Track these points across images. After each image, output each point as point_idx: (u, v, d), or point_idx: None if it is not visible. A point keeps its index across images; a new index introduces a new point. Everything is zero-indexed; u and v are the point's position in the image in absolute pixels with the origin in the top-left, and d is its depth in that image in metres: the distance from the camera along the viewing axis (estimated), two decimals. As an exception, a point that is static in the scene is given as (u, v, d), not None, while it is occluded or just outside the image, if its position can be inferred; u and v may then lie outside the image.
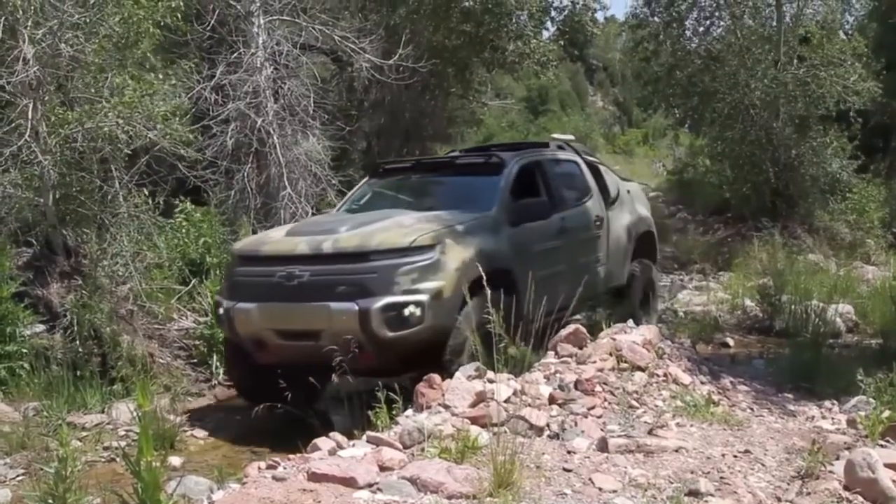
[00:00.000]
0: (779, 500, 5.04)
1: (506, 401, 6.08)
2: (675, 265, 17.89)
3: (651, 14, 21.30)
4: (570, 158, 10.53)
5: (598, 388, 6.51)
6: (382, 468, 5.08)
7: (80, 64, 10.06)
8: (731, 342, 10.91)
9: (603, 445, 5.58)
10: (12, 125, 9.51)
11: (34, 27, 9.49)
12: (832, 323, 10.82)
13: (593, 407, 6.25)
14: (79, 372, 8.52)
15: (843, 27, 22.94)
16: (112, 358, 8.89)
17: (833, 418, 6.97)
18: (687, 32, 20.88)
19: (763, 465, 5.57)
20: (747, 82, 18.44)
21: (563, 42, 22.33)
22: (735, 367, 9.07)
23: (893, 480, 5.10)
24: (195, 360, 9.79)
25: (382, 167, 10.71)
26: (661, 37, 20.82)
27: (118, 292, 9.71)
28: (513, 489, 4.70)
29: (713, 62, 19.65)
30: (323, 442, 5.76)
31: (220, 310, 8.21)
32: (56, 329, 9.16)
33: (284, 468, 5.25)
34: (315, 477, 4.88)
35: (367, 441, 5.65)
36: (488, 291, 5.49)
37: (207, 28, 12.60)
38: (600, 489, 4.92)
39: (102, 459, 7.15)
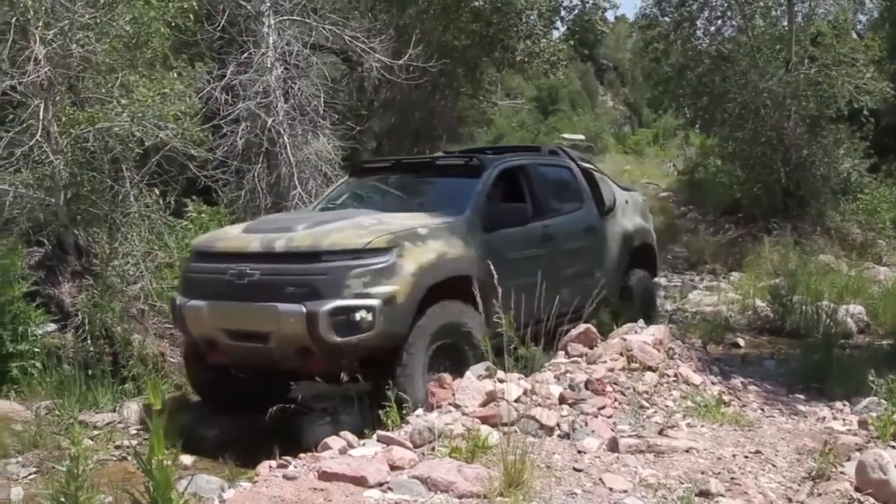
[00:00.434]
0: (789, 500, 5.04)
1: (516, 400, 6.08)
2: (686, 265, 17.86)
3: (661, 14, 21.26)
4: (563, 164, 10.17)
5: (609, 388, 6.51)
6: (393, 467, 5.10)
7: (91, 64, 10.09)
8: (741, 342, 10.88)
9: (613, 445, 5.58)
10: (24, 125, 9.53)
11: (45, 28, 9.52)
12: (843, 324, 10.80)
13: (604, 407, 6.25)
14: (90, 371, 8.54)
15: (855, 27, 22.87)
16: (123, 357, 8.91)
17: (844, 419, 6.95)
18: (697, 32, 20.82)
19: (774, 465, 5.56)
20: (758, 82, 18.39)
21: (573, 42, 22.30)
22: (746, 368, 9.05)
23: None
24: (206, 358, 9.80)
25: (362, 166, 10.51)
26: (672, 37, 20.76)
27: (129, 292, 9.73)
28: (523, 489, 4.70)
29: (724, 62, 19.59)
30: (333, 441, 5.78)
31: (174, 306, 7.95)
32: (68, 328, 9.19)
33: (295, 467, 5.27)
34: (326, 476, 4.89)
35: (378, 440, 5.66)
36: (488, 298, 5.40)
37: (218, 28, 12.62)
38: (611, 489, 4.92)
39: (114, 458, 7.16)
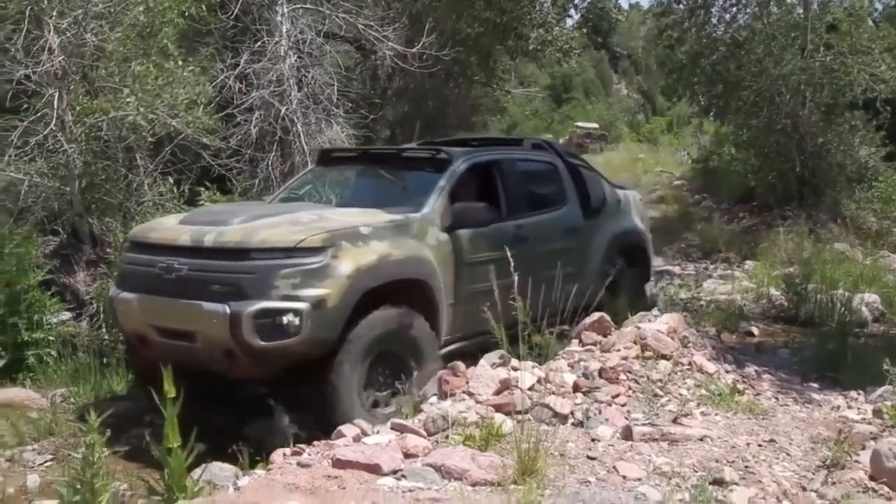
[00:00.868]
0: (804, 489, 5.02)
1: (530, 389, 6.08)
2: (700, 254, 17.81)
3: (676, 1, 21.15)
4: (545, 160, 9.61)
5: (623, 376, 6.50)
6: (407, 455, 5.10)
7: (105, 53, 10.13)
8: (755, 331, 10.84)
9: (627, 434, 5.57)
10: (38, 114, 9.58)
11: (59, 17, 9.55)
12: (858, 312, 10.75)
13: (617, 395, 6.25)
14: (105, 359, 8.57)
15: (872, 15, 22.74)
16: (137, 345, 8.94)
17: (859, 408, 6.92)
18: (712, 20, 20.69)
19: (788, 454, 5.55)
20: (773, 70, 18.30)
21: (586, 30, 22.31)
22: (760, 357, 9.03)
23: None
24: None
25: (329, 155, 9.92)
26: (686, 24, 20.65)
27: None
28: (537, 477, 4.70)
29: (739, 50, 19.49)
30: (347, 429, 5.79)
31: (109, 298, 7.67)
32: (82, 317, 9.24)
33: (309, 455, 5.29)
34: (340, 463, 4.90)
35: (392, 428, 5.67)
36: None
37: (231, 17, 12.62)
38: (624, 477, 4.92)
39: (129, 446, 7.19)
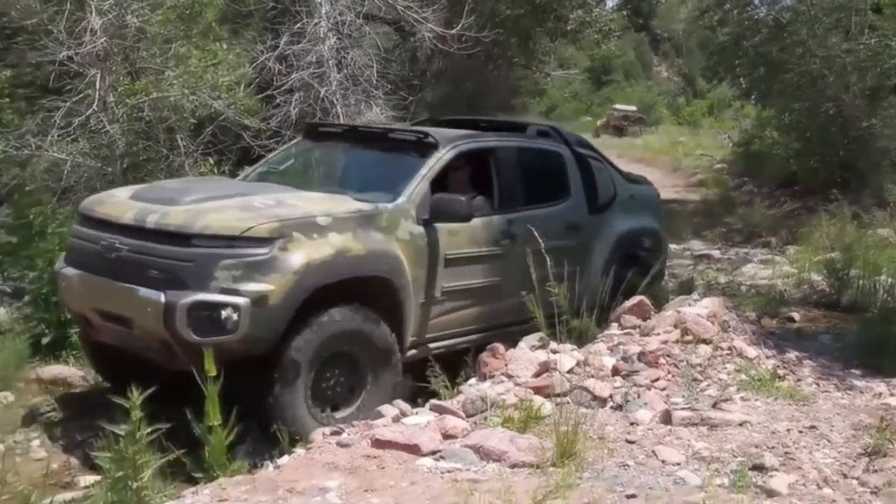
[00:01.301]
0: (845, 476, 4.98)
1: (569, 371, 6.08)
2: (740, 238, 17.67)
3: (717, -18, 20.95)
4: (549, 149, 8.83)
5: (662, 360, 6.47)
6: (446, 436, 5.12)
7: (146, 35, 10.20)
8: (796, 317, 10.73)
9: (666, 418, 5.55)
10: (81, 95, 9.67)
11: (101, -1, 9.62)
12: (901, 299, 10.62)
13: (657, 379, 6.22)
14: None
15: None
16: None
17: (902, 395, 6.85)
18: (754, 1, 20.51)
19: (829, 441, 5.50)
20: (816, 52, 18.07)
21: (626, 11, 22.14)
22: (801, 342, 8.94)
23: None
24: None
25: (317, 129, 9.20)
26: (728, 6, 20.42)
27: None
28: (575, 460, 4.71)
29: (781, 32, 19.25)
30: (387, 409, 5.81)
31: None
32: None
33: (349, 434, 5.31)
34: (379, 443, 4.93)
35: (431, 409, 5.69)
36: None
37: (271, -2, 12.67)
38: (663, 461, 4.91)
39: (170, 423, 7.26)
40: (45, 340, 8.31)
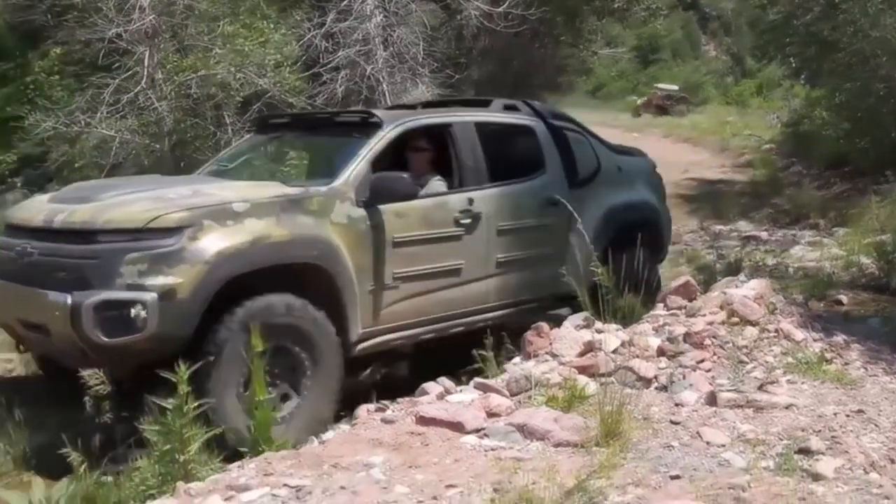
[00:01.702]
0: (892, 461, 4.91)
1: (614, 351, 6.06)
2: (788, 220, 17.50)
3: (769, -40, 20.68)
4: (517, 122, 8.31)
5: (708, 341, 6.42)
6: (490, 414, 5.13)
7: (194, 12, 10.26)
8: (844, 300, 10.60)
9: (712, 399, 5.52)
10: (129, 73, 9.76)
11: (150, -24, 9.70)
12: (952, 282, 10.47)
13: (702, 360, 6.17)
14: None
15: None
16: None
17: (952, 380, 6.76)
18: (806, -22, 20.20)
19: (877, 425, 5.43)
20: (869, 31, 17.78)
21: (675, -11, 21.92)
22: (849, 326, 8.82)
23: None
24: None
25: (266, 122, 8.86)
26: (779, -17, 20.20)
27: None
28: (620, 440, 4.70)
29: (834, 10, 18.96)
30: (431, 386, 5.84)
31: None
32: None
33: (393, 411, 5.35)
34: (423, 420, 4.96)
35: (475, 387, 5.70)
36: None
37: (318, -24, 12.69)
38: (708, 443, 4.88)
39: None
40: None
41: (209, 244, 5.78)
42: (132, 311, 5.56)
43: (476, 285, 7.32)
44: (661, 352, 6.27)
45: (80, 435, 5.26)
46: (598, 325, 6.25)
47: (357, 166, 6.77)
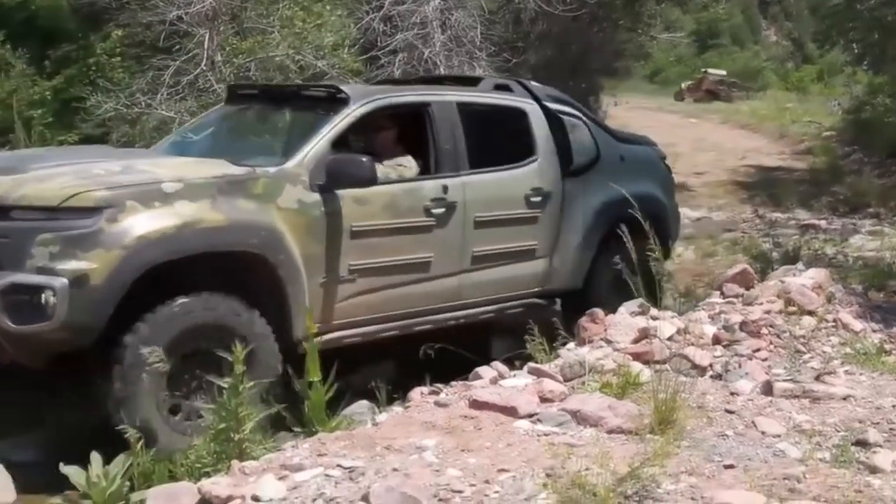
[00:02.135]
0: (952, 454, 4.86)
1: (669, 339, 6.03)
2: (848, 208, 17.26)
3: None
4: (507, 104, 7.72)
5: (765, 330, 6.36)
6: (543, 399, 5.14)
7: (253, -5, 10.34)
8: (904, 290, 10.48)
9: (767, 389, 5.47)
10: (189, 55, 9.86)
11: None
12: None
13: (758, 349, 6.12)
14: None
15: None
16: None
17: None
18: (870, -37, 19.87)
19: (937, 418, 5.37)
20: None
21: (736, -26, 21.70)
22: (909, 316, 8.73)
23: None
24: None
25: (236, 92, 8.20)
26: (842, -32, 19.89)
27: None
28: (674, 428, 4.68)
29: (899, -6, 18.66)
30: (485, 371, 5.85)
31: None
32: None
33: (447, 395, 5.37)
34: (476, 404, 4.97)
35: (529, 372, 5.70)
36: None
37: (377, -42, 12.71)
38: (763, 433, 4.84)
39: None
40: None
41: (129, 227, 5.28)
42: (42, 297, 5.11)
43: (447, 281, 6.85)
44: (716, 340, 6.23)
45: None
46: (654, 311, 6.24)
47: (315, 146, 6.25)
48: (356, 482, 3.98)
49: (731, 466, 4.30)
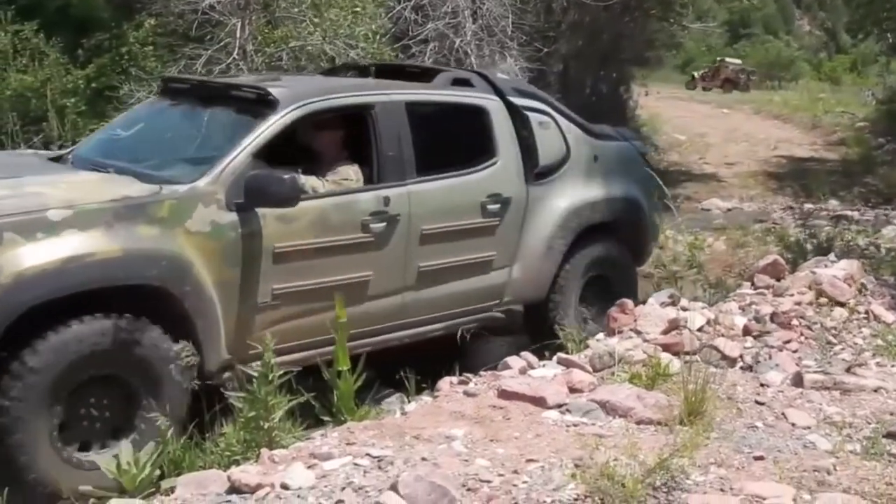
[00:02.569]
0: (984, 448, 4.82)
1: (699, 330, 6.02)
2: (880, 199, 17.12)
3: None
4: (465, 101, 6.96)
5: (795, 321, 6.33)
6: (572, 390, 5.14)
7: (285, -16, 10.37)
8: (938, 282, 10.39)
9: (798, 380, 5.45)
10: (221, 44, 9.90)
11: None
12: None
13: (789, 341, 6.10)
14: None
15: None
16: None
17: None
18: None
19: (969, 411, 5.33)
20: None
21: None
22: (942, 308, 8.65)
23: None
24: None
25: (169, 84, 7.29)
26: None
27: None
28: (703, 419, 4.67)
29: (934, -16, 18.48)
30: (514, 361, 5.85)
31: None
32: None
33: (475, 384, 5.38)
34: (505, 394, 4.98)
35: (558, 362, 5.71)
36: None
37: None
38: (793, 424, 4.83)
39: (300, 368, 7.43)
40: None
41: (6, 264, 4.69)
42: None
43: (388, 300, 6.23)
44: (746, 331, 6.20)
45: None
46: (684, 302, 6.23)
47: (234, 159, 5.54)
48: (385, 471, 4.00)
49: (760, 458, 4.30)
